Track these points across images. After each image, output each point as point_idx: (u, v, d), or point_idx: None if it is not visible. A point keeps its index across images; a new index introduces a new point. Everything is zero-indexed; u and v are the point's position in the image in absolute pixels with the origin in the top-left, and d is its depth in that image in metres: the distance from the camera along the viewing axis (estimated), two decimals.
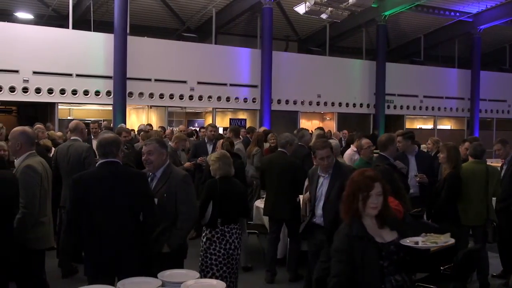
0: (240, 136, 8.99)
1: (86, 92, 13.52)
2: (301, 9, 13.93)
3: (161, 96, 14.61)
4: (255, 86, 15.99)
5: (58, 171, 5.83)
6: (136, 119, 16.07)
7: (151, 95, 14.46)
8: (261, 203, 6.80)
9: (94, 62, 13.63)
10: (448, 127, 21.47)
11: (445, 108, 19.91)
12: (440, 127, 20.46)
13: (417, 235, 2.99)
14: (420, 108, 19.29)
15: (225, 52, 16.04)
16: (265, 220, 6.53)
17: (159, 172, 4.07)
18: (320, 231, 4.68)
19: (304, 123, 17.62)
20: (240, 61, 16.08)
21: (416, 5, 16.65)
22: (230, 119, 17.00)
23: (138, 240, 3.57)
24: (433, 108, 19.58)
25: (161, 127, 12.92)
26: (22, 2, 15.39)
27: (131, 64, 13.53)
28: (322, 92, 17.23)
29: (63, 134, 9.19)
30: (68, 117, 14.52)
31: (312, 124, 18.03)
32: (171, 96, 14.77)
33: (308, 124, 17.87)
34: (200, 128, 13.25)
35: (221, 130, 13.03)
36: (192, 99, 15.10)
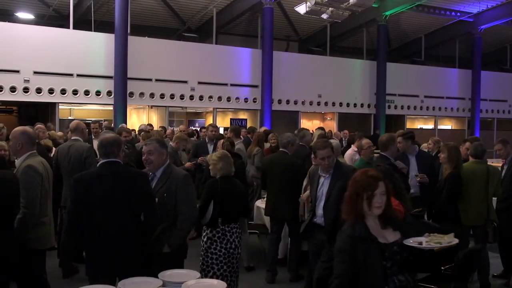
0: (241, 136, 8.99)
1: (86, 92, 13.53)
2: (301, 9, 13.92)
3: (162, 96, 14.61)
4: (256, 86, 15.99)
5: (59, 171, 5.84)
6: (136, 119, 16.08)
7: (152, 95, 14.46)
8: (262, 203, 6.81)
9: (94, 62, 13.64)
10: (449, 127, 21.46)
11: (445, 108, 19.91)
12: (440, 127, 20.46)
13: (420, 235, 2.98)
14: (421, 108, 19.28)
15: (225, 52, 16.05)
16: (266, 220, 6.53)
17: (159, 172, 4.08)
18: (321, 231, 4.68)
19: (305, 123, 17.62)
20: (240, 61, 16.08)
21: (416, 5, 16.64)
22: (231, 119, 17.01)
23: (139, 240, 3.57)
24: (433, 108, 19.57)
25: (162, 127, 12.92)
26: (22, 2, 15.40)
27: (131, 64, 13.53)
28: (323, 92, 17.23)
29: (64, 134, 9.19)
30: (69, 117, 14.53)
31: (313, 124, 18.04)
32: (172, 96, 14.77)
33: (308, 124, 17.87)
34: (201, 128, 13.25)
35: (221, 130, 13.03)
36: (192, 99, 15.10)
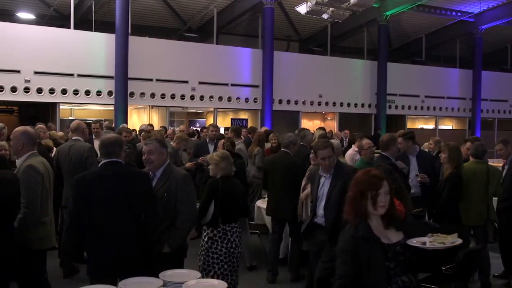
0: (242, 136, 8.99)
1: (87, 92, 13.53)
2: (302, 9, 13.91)
3: (163, 96, 14.61)
4: (257, 86, 15.99)
5: (60, 171, 5.84)
6: (137, 119, 16.09)
7: (153, 95, 14.47)
8: (263, 203, 6.81)
9: (95, 62, 13.64)
10: (449, 127, 21.44)
11: (446, 108, 19.89)
12: (441, 127, 20.44)
13: (423, 236, 2.96)
14: (422, 108, 19.26)
15: (226, 52, 16.04)
16: (267, 220, 6.53)
17: (159, 172, 4.08)
18: (322, 231, 4.68)
19: (306, 123, 17.62)
20: (241, 61, 16.07)
21: (417, 5, 16.61)
22: (232, 119, 17.02)
23: (140, 240, 3.58)
24: (434, 108, 19.56)
25: (163, 127, 12.92)
26: (23, 2, 15.41)
27: (132, 64, 13.53)
28: (324, 92, 17.21)
29: (65, 134, 9.19)
30: (70, 117, 14.54)
31: (314, 124, 18.03)
32: (173, 96, 14.77)
33: (309, 124, 17.87)
34: (202, 128, 13.25)
35: (222, 130, 13.03)
36: (193, 99, 15.10)
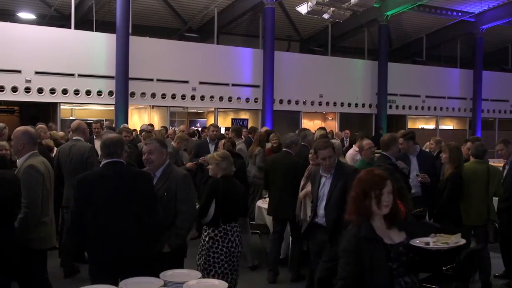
0: (242, 136, 8.99)
1: (88, 92, 13.53)
2: (303, 9, 13.89)
3: (163, 96, 14.61)
4: (257, 86, 15.98)
5: (60, 171, 5.85)
6: (138, 119, 16.09)
7: (153, 95, 14.47)
8: (263, 203, 6.81)
9: (96, 62, 13.65)
10: (450, 127, 21.43)
11: (447, 108, 19.87)
12: (442, 127, 20.42)
13: (425, 236, 2.95)
14: (422, 108, 19.25)
15: (227, 52, 16.04)
16: (267, 220, 6.53)
17: (159, 172, 4.10)
18: (322, 231, 4.69)
19: (306, 123, 17.61)
20: (242, 61, 16.07)
21: (418, 5, 16.60)
22: (232, 119, 17.02)
23: (141, 240, 3.58)
24: (435, 108, 19.54)
25: (163, 127, 12.93)
26: (24, 2, 15.41)
27: (133, 64, 13.53)
28: (324, 92, 17.20)
29: (65, 134, 9.20)
30: (70, 117, 14.54)
31: (314, 124, 18.03)
32: (173, 96, 14.77)
33: (310, 124, 17.86)
34: (202, 128, 13.25)
35: (223, 130, 13.04)
36: (194, 99, 15.10)
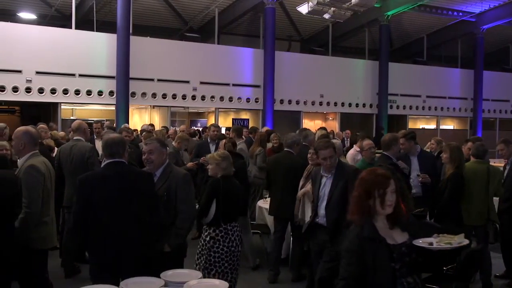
0: (243, 136, 8.99)
1: (89, 92, 13.55)
2: (303, 9, 13.89)
3: (164, 96, 14.62)
4: (258, 86, 15.99)
5: (61, 171, 5.84)
6: (139, 119, 16.11)
7: (154, 95, 14.47)
8: (264, 203, 6.81)
9: (97, 62, 13.66)
10: (451, 127, 21.43)
11: (448, 108, 19.87)
12: (443, 127, 20.42)
13: (428, 236, 2.93)
14: (423, 108, 19.25)
15: (227, 52, 16.05)
16: (268, 220, 6.53)
17: (159, 171, 4.11)
18: (323, 231, 4.68)
19: (307, 123, 17.61)
20: (242, 61, 16.08)
21: (419, 5, 16.60)
22: (233, 119, 17.03)
23: (142, 240, 3.58)
24: (436, 108, 19.55)
25: (164, 127, 12.92)
26: (25, 2, 15.42)
27: (133, 64, 13.55)
28: (325, 92, 17.21)
29: (66, 134, 9.20)
30: (71, 117, 14.56)
31: (315, 124, 18.04)
32: (174, 96, 14.78)
33: (310, 124, 17.86)
34: (203, 128, 13.25)
35: (223, 130, 13.04)
36: (194, 99, 15.10)
